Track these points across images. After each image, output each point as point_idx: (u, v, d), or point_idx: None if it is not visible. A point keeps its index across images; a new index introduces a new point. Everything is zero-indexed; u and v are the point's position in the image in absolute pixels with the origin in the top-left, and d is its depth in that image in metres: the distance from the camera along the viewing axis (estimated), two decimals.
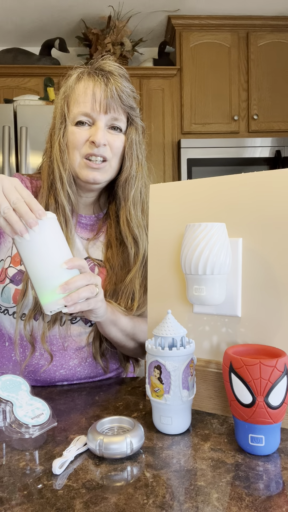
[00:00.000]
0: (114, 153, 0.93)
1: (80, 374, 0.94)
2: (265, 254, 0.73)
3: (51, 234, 0.70)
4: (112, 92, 0.90)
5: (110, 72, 0.92)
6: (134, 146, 0.95)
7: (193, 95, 2.94)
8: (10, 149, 2.24)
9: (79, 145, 0.91)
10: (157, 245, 0.85)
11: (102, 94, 0.89)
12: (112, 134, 0.92)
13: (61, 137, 0.92)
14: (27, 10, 2.78)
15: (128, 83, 0.95)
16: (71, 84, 0.93)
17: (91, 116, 0.90)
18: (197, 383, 0.78)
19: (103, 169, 0.92)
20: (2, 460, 0.62)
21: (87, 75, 0.92)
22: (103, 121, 0.90)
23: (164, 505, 0.51)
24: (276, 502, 0.51)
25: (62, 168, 0.92)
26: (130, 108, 0.94)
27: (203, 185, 0.80)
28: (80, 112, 0.90)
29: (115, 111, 0.91)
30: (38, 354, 0.92)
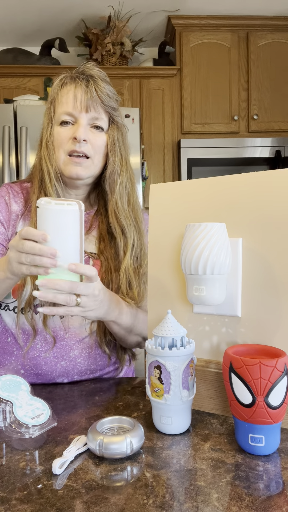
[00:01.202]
0: (95, 150, 0.98)
1: (81, 366, 0.97)
2: (265, 254, 0.73)
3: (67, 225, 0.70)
4: (92, 93, 0.96)
5: (90, 75, 0.99)
6: (116, 143, 1.01)
7: (193, 95, 2.94)
8: (10, 149, 2.24)
9: (63, 143, 0.97)
10: (157, 245, 0.85)
11: (82, 94, 0.96)
12: (93, 132, 0.98)
13: (48, 137, 1.00)
14: (27, 10, 2.78)
15: (108, 86, 1.00)
16: (55, 89, 1.00)
17: (73, 115, 0.97)
18: (197, 383, 0.78)
19: (85, 164, 0.97)
20: (2, 460, 0.62)
21: (70, 79, 0.99)
22: (84, 119, 0.96)
23: (164, 505, 0.51)
24: (276, 502, 0.51)
25: (49, 163, 0.98)
26: (110, 108, 1.00)
27: (203, 185, 0.80)
28: (64, 111, 0.97)
29: (95, 110, 0.97)
30: (40, 346, 0.95)
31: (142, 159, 2.60)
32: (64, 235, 0.70)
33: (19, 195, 1.04)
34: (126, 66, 3.00)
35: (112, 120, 1.01)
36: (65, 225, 0.70)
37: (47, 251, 0.68)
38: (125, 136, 1.05)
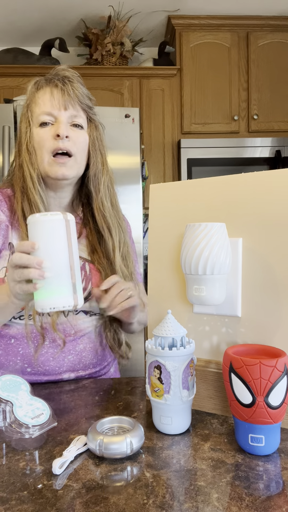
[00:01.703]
0: (78, 148, 0.98)
1: (86, 359, 1.00)
2: (265, 254, 0.73)
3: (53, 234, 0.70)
4: (69, 91, 0.98)
5: (65, 76, 1.01)
6: (96, 142, 1.03)
7: (193, 95, 2.94)
8: (10, 149, 2.24)
9: (45, 143, 0.97)
10: (157, 245, 0.85)
11: (59, 93, 0.98)
12: (74, 130, 0.99)
13: (28, 140, 0.99)
14: (27, 10, 2.77)
15: (82, 87, 1.03)
16: (31, 91, 1.01)
17: (53, 114, 0.97)
18: (197, 383, 0.78)
19: (69, 164, 0.97)
20: (2, 460, 0.62)
21: (44, 81, 1.00)
22: (64, 117, 0.97)
23: (164, 505, 0.51)
24: (276, 502, 0.51)
25: (32, 168, 0.98)
26: (87, 106, 1.02)
27: (203, 185, 0.80)
28: (43, 111, 0.98)
29: (73, 107, 0.98)
30: (48, 342, 0.97)
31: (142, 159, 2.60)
32: (51, 246, 0.69)
33: (2, 203, 1.02)
34: (126, 66, 3.00)
35: (90, 119, 1.03)
36: (51, 235, 0.70)
37: (33, 260, 0.68)
38: (103, 135, 1.06)
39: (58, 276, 0.69)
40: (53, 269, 0.69)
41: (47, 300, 0.69)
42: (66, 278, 0.69)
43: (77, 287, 0.71)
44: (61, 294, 0.69)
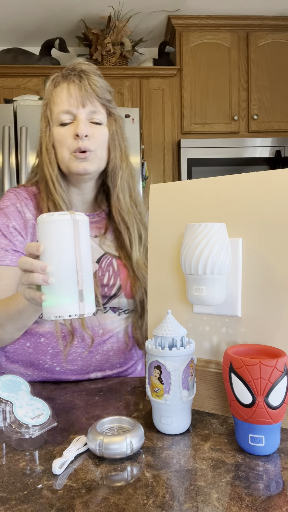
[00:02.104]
0: (98, 144, 0.97)
1: (112, 359, 0.99)
2: (265, 254, 0.73)
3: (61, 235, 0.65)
4: (86, 87, 0.96)
5: (82, 70, 0.98)
6: (116, 136, 1.01)
7: (193, 95, 2.94)
8: (10, 149, 2.24)
9: (66, 142, 0.96)
10: (157, 245, 0.85)
11: (76, 90, 0.96)
12: (93, 127, 0.98)
13: (47, 140, 0.99)
14: (27, 10, 2.78)
15: (100, 79, 1.00)
16: (49, 90, 1.00)
17: (71, 112, 0.96)
18: (197, 383, 0.78)
19: (90, 158, 0.96)
20: (2, 460, 0.62)
21: (61, 77, 0.99)
22: (83, 114, 0.96)
23: (164, 505, 0.51)
24: (276, 502, 0.51)
25: (51, 167, 0.98)
26: (106, 100, 1.00)
27: (203, 185, 0.80)
28: (61, 110, 0.97)
29: (91, 103, 0.97)
30: (76, 342, 0.96)
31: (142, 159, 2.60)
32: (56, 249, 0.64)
33: (29, 201, 1.02)
34: (126, 66, 3.00)
35: (109, 113, 1.01)
36: (56, 237, 0.64)
37: (36, 265, 0.64)
38: (123, 128, 1.04)
39: (63, 282, 0.64)
40: (58, 274, 0.64)
41: (52, 308, 0.65)
42: (72, 285, 0.64)
43: (86, 294, 0.65)
44: (66, 302, 0.64)
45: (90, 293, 0.66)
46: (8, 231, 0.97)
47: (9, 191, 1.05)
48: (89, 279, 0.66)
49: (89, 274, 0.66)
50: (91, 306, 0.66)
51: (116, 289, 1.00)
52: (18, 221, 0.98)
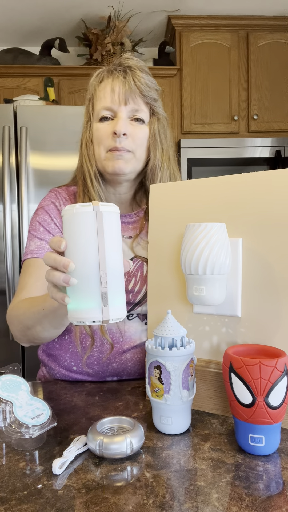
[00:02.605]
0: (137, 144, 0.94)
1: (130, 369, 0.96)
2: (265, 254, 0.73)
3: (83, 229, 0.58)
4: (130, 84, 0.92)
5: (128, 66, 0.95)
6: (157, 136, 0.97)
7: (193, 95, 2.94)
8: (10, 149, 2.24)
9: (103, 139, 0.94)
10: (157, 245, 0.85)
11: (120, 87, 0.93)
12: (134, 125, 0.94)
13: (87, 135, 0.97)
14: (27, 10, 2.77)
15: (147, 76, 0.96)
16: (93, 85, 0.98)
17: (112, 109, 0.94)
18: (197, 383, 0.78)
19: (126, 157, 0.93)
20: (2, 460, 0.62)
21: (107, 72, 0.96)
22: (124, 112, 0.93)
23: (164, 505, 0.51)
24: (276, 502, 0.51)
25: (89, 163, 0.96)
26: (150, 99, 0.96)
27: (203, 185, 0.80)
28: (102, 107, 0.94)
29: (134, 102, 0.93)
30: (95, 347, 0.94)
31: None
32: (77, 245, 0.58)
33: (67, 202, 1.01)
34: None
35: (153, 112, 0.97)
36: (77, 232, 0.57)
37: (59, 261, 0.58)
38: (167, 128, 1.01)
39: (85, 283, 0.57)
40: (80, 274, 0.57)
41: (75, 312, 0.58)
42: (94, 286, 0.57)
43: (112, 298, 0.57)
44: (88, 306, 0.57)
45: (117, 296, 0.59)
46: (50, 227, 0.98)
47: (50, 191, 1.05)
48: (116, 280, 0.59)
49: (116, 275, 0.59)
50: (118, 312, 0.59)
51: (142, 296, 0.96)
52: (58, 219, 0.99)
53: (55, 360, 1.00)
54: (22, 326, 0.89)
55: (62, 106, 2.40)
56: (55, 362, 1.00)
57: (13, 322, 0.92)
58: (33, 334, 0.89)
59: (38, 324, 0.85)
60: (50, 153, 2.27)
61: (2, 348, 2.24)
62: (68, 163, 2.25)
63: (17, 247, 2.24)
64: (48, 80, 2.51)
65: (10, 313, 0.93)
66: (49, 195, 1.03)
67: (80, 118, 1.03)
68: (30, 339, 0.92)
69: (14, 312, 0.91)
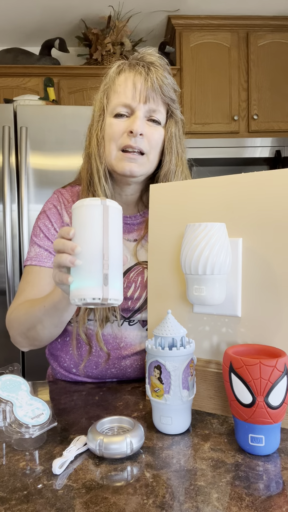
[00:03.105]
0: (151, 145, 0.91)
1: (130, 374, 0.96)
2: (265, 254, 0.73)
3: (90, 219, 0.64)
4: (153, 82, 0.88)
5: (151, 63, 0.91)
6: (173, 140, 0.93)
7: (193, 95, 2.94)
8: (10, 149, 2.24)
9: (117, 137, 0.90)
10: (157, 245, 0.85)
11: (142, 83, 0.88)
12: (150, 126, 0.91)
13: (98, 130, 0.92)
14: (27, 10, 2.77)
15: (169, 75, 0.93)
16: (112, 76, 0.93)
17: (130, 106, 0.89)
18: (197, 383, 0.78)
19: (140, 161, 0.90)
20: (2, 460, 0.62)
21: (128, 66, 0.92)
22: (141, 111, 0.89)
23: (164, 505, 0.51)
24: (276, 502, 0.51)
25: (99, 161, 0.92)
26: (170, 100, 0.92)
27: (203, 185, 0.80)
28: (120, 102, 0.90)
29: (154, 101, 0.90)
30: (94, 351, 0.94)
31: None
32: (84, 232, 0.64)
33: (70, 204, 0.99)
34: None
35: (171, 114, 0.94)
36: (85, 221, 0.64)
37: (68, 245, 0.63)
38: (182, 131, 0.97)
39: (88, 264, 0.63)
40: (85, 256, 0.63)
41: (77, 291, 0.63)
42: (97, 267, 0.63)
43: (111, 279, 0.63)
44: (90, 284, 0.62)
45: (116, 279, 0.64)
46: (50, 233, 0.97)
47: (54, 192, 1.03)
48: (116, 266, 0.64)
49: (116, 261, 0.65)
50: (116, 293, 0.64)
51: (142, 302, 0.94)
52: (58, 223, 0.98)
53: (56, 360, 1.00)
54: (23, 328, 0.90)
55: (62, 106, 2.40)
56: (56, 362, 1.00)
57: (13, 325, 0.93)
58: (34, 335, 0.90)
59: (39, 323, 0.86)
60: (50, 153, 2.27)
61: (2, 348, 2.24)
62: (68, 163, 2.25)
63: (17, 247, 2.24)
64: (48, 80, 2.51)
65: (9, 317, 0.94)
66: (52, 197, 1.02)
67: (80, 118, 1.02)
68: (31, 341, 0.92)
69: (14, 315, 0.92)
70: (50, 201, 1.01)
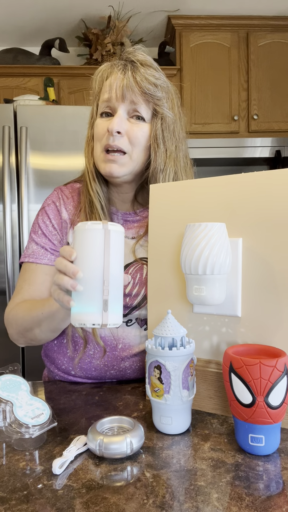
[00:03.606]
0: (133, 143, 0.89)
1: (130, 375, 0.96)
2: (265, 254, 0.73)
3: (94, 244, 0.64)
4: (129, 80, 0.87)
5: (131, 61, 0.90)
6: (159, 136, 0.91)
7: (193, 95, 2.94)
8: (10, 149, 2.24)
9: (100, 136, 0.90)
10: (157, 245, 0.85)
11: (118, 82, 0.88)
12: (132, 123, 0.89)
13: (89, 132, 0.95)
14: (27, 10, 2.77)
15: (151, 71, 0.90)
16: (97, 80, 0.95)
17: (111, 105, 0.90)
18: (197, 383, 0.78)
19: (121, 161, 0.89)
20: (2, 460, 0.62)
21: (110, 66, 0.93)
22: (121, 109, 0.89)
23: (164, 505, 0.51)
24: (276, 502, 0.51)
25: (88, 162, 0.94)
26: (151, 96, 0.89)
27: (203, 185, 0.80)
28: (102, 100, 0.91)
29: (132, 99, 0.88)
30: (92, 352, 0.93)
31: None
32: (85, 257, 0.64)
33: (70, 200, 0.99)
34: None
35: (155, 110, 0.91)
36: (86, 246, 0.64)
37: (70, 268, 0.63)
38: (173, 126, 0.93)
39: (89, 289, 0.63)
40: (86, 282, 0.64)
41: (77, 315, 0.64)
42: (97, 294, 0.63)
43: (111, 304, 0.64)
44: (90, 310, 0.63)
45: (116, 304, 0.65)
46: (48, 230, 0.97)
47: (55, 189, 1.03)
48: (116, 290, 0.65)
49: (117, 285, 0.65)
50: (115, 318, 0.65)
51: (140, 299, 0.93)
52: (56, 220, 0.98)
53: (53, 363, 1.00)
54: (21, 329, 0.91)
55: (62, 106, 2.40)
56: (53, 364, 1.00)
57: (11, 325, 0.93)
58: (31, 336, 0.91)
59: (37, 327, 0.87)
60: (50, 153, 2.27)
61: (2, 348, 2.24)
62: (68, 163, 2.25)
63: (17, 247, 2.24)
64: (48, 80, 2.51)
65: (8, 316, 0.94)
66: (52, 194, 1.03)
67: (80, 118, 1.03)
68: (28, 340, 0.93)
69: (12, 315, 0.93)
70: (50, 197, 1.02)
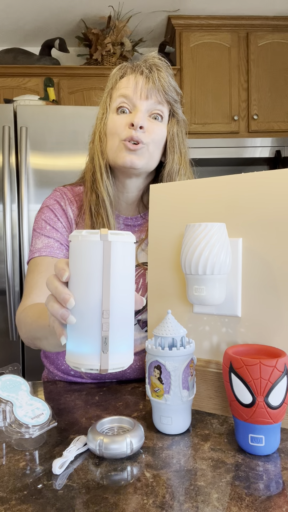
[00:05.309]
0: (152, 139, 0.91)
1: (129, 375, 0.96)
2: (265, 254, 0.73)
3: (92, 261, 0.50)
4: (155, 80, 0.90)
5: (154, 64, 0.93)
6: (176, 139, 0.95)
7: (193, 95, 2.94)
8: (10, 149, 2.24)
9: (119, 130, 0.91)
10: (157, 245, 0.85)
11: (143, 81, 0.90)
12: (152, 122, 0.92)
13: (101, 128, 0.94)
14: (27, 10, 2.77)
15: (171, 78, 0.94)
16: (113, 78, 0.95)
17: (132, 101, 0.91)
18: (197, 383, 0.78)
19: (139, 151, 0.90)
20: (2, 460, 0.62)
21: (130, 69, 0.94)
22: (143, 106, 0.91)
23: (164, 505, 0.51)
24: (276, 502, 0.51)
25: (101, 157, 0.93)
26: (172, 99, 0.94)
27: (203, 185, 0.80)
28: (121, 94, 0.91)
29: (155, 99, 0.91)
30: None
31: None
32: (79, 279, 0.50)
33: (73, 203, 0.99)
34: None
35: (173, 113, 0.95)
36: (80, 264, 0.50)
37: (59, 293, 0.51)
38: (185, 133, 0.98)
39: (84, 323, 0.50)
40: (80, 311, 0.50)
41: (71, 355, 0.52)
42: (94, 329, 0.49)
43: (114, 343, 0.49)
44: (85, 351, 0.50)
45: (121, 341, 0.50)
46: (57, 226, 0.96)
47: (55, 190, 1.02)
48: (121, 323, 0.50)
49: (122, 316, 0.50)
50: (120, 360, 0.51)
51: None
52: (63, 218, 0.97)
53: (53, 363, 0.99)
54: (29, 335, 0.87)
55: (62, 106, 2.40)
56: (53, 365, 1.00)
57: (21, 328, 0.91)
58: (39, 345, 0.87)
59: (44, 339, 0.80)
60: (50, 153, 2.27)
61: (2, 348, 2.24)
62: (68, 163, 2.25)
63: (17, 247, 2.24)
64: (48, 80, 2.51)
65: (19, 317, 0.91)
66: (54, 193, 1.01)
67: (80, 118, 1.02)
68: (37, 347, 0.91)
69: (22, 318, 0.89)
70: (52, 197, 1.00)
